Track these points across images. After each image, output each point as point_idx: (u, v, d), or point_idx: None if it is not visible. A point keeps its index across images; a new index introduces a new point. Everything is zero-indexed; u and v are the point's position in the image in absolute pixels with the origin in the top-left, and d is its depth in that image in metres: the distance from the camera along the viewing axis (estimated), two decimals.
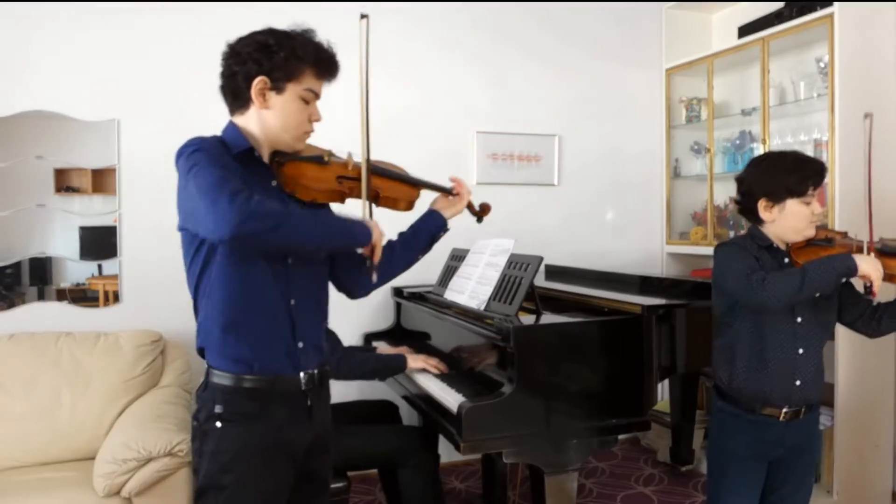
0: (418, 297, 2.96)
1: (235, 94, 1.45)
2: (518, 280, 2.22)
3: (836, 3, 2.81)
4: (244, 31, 1.48)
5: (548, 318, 2.21)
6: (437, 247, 1.71)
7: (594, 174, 3.86)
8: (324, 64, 1.46)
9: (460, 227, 2.11)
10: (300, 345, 1.48)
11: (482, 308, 2.30)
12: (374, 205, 1.59)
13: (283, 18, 1.56)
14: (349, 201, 1.58)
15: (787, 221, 1.78)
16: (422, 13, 3.47)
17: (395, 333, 3.17)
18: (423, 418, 2.60)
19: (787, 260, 1.82)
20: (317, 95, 1.48)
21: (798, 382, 1.79)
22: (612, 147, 3.90)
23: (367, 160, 1.51)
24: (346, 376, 2.44)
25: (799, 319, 1.80)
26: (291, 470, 1.49)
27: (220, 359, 1.43)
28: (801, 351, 1.79)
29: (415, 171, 1.72)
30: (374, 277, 1.53)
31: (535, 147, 3.71)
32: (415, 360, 2.45)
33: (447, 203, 1.72)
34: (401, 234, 1.68)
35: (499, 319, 2.11)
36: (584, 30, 3.81)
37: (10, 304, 2.92)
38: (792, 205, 1.76)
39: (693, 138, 3.90)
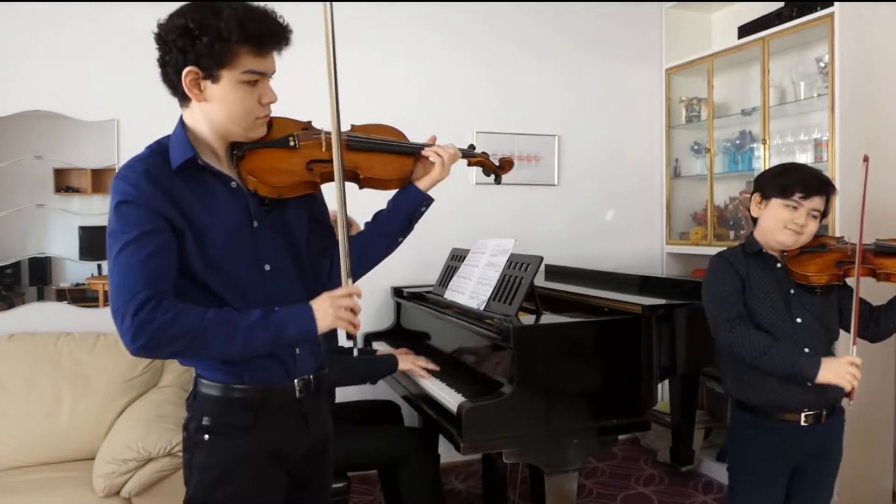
0: (418, 297, 2.95)
1: (173, 86, 1.26)
2: (518, 280, 2.22)
3: (836, 3, 2.80)
4: None
5: (548, 318, 2.21)
6: (437, 247, 1.65)
7: (594, 174, 3.86)
8: (260, 38, 1.20)
9: (460, 226, 2.09)
10: (297, 350, 1.36)
11: (482, 308, 2.30)
12: (357, 187, 1.36)
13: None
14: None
15: (765, 220, 1.80)
16: (422, 14, 3.47)
17: (395, 334, 3.16)
18: (424, 418, 2.60)
19: (779, 265, 1.80)
20: (263, 74, 1.24)
21: (809, 383, 1.72)
22: (612, 147, 3.90)
23: (338, 131, 1.24)
24: (337, 383, 2.36)
25: (799, 320, 1.77)
26: (285, 481, 1.38)
27: (208, 368, 1.31)
28: (806, 350, 1.74)
29: None
30: (355, 351, 1.34)
31: (535, 147, 3.71)
32: (404, 362, 2.41)
33: (422, 171, 1.47)
34: (375, 216, 1.48)
35: (499, 319, 2.11)
36: (585, 30, 3.82)
37: (10, 304, 2.92)
38: (775, 204, 1.77)
39: (693, 138, 3.90)
